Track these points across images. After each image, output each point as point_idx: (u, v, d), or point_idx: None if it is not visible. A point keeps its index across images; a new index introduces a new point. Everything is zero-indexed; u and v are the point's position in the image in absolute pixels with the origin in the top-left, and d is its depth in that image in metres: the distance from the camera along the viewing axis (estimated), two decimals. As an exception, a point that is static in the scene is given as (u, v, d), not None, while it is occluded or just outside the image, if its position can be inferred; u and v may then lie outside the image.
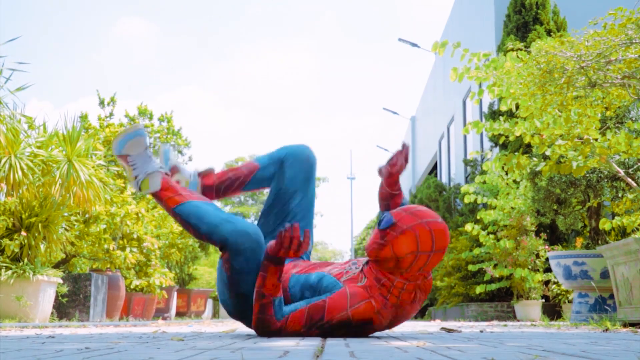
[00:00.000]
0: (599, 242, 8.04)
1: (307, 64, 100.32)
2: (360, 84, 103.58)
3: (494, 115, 12.53)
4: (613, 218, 8.05)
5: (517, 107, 6.75)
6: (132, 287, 11.65)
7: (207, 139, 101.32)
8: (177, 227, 13.96)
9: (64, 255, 9.49)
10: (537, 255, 11.08)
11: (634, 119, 7.28)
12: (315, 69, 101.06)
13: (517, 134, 6.53)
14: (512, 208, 10.99)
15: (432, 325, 6.74)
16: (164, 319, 13.95)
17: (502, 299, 12.15)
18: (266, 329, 2.93)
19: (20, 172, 7.45)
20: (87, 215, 10.11)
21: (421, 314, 18.28)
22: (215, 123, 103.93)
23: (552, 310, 11.22)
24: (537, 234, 11.36)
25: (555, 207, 8.34)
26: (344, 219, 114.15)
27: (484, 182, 11.69)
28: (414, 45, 22.29)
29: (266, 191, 3.69)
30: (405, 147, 3.21)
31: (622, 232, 8.28)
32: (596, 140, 6.12)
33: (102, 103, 14.21)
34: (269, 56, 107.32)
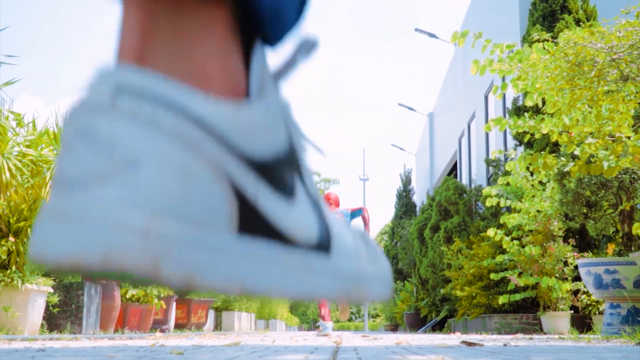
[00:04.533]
0: (632, 248, 8.01)
1: (316, 57, 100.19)
2: (374, 78, 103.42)
3: (518, 111, 12.50)
4: (648, 222, 8.03)
5: (544, 102, 6.74)
6: (127, 296, 11.68)
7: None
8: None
9: (54, 263, 9.54)
10: (566, 263, 11.04)
11: (670, 115, 7.27)
12: (324, 62, 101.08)
13: (544, 131, 6.52)
14: (538, 212, 10.96)
15: (451, 339, 6.73)
16: (162, 331, 13.98)
17: (527, 310, 12.12)
18: None
19: (7, 173, 7.49)
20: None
21: (440, 326, 18.26)
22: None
23: (582, 322, 11.18)
24: (565, 239, 11.33)
25: (584, 211, 8.32)
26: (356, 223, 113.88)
27: (508, 184, 11.66)
28: (432, 35, 22.28)
29: None
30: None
31: (658, 238, 8.26)
32: (629, 138, 6.11)
33: (95, 99, 14.28)
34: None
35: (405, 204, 30.81)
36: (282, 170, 0.65)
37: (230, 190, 0.60)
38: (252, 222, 0.62)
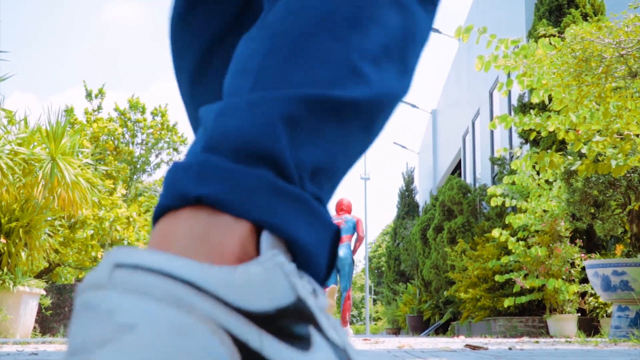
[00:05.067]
0: (642, 249, 8.02)
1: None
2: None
3: (524, 108, 12.51)
4: (657, 223, 8.04)
5: (550, 99, 6.75)
6: (122, 299, 11.70)
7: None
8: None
9: (47, 264, 9.54)
10: (573, 264, 11.05)
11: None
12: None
13: (550, 129, 6.53)
14: (544, 212, 10.97)
15: (455, 342, 6.74)
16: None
17: (533, 313, 12.13)
18: None
19: (-1, 172, 7.49)
20: (72, 220, 10.16)
21: (443, 329, 18.27)
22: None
23: (589, 325, 11.19)
24: (572, 240, 11.34)
25: (592, 211, 8.32)
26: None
27: (513, 183, 11.67)
28: (435, 30, 22.26)
29: None
30: None
31: (667, 239, 8.26)
32: (637, 136, 6.12)
33: (89, 95, 14.27)
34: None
35: (407, 204, 30.79)
36: (289, 320, 0.66)
37: (231, 343, 0.62)
38: None
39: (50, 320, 9.17)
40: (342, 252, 11.90)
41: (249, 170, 0.68)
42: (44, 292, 8.22)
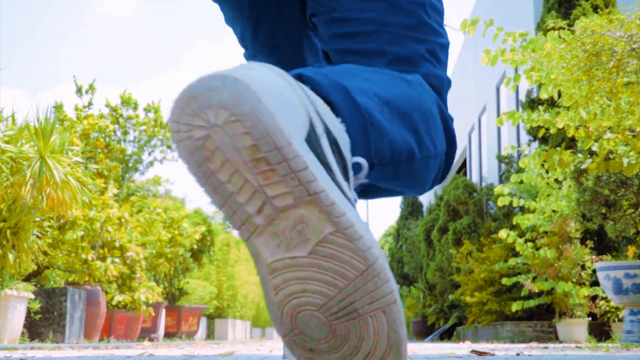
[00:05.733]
0: (655, 251, 8.04)
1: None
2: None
3: (532, 104, 12.52)
4: (671, 223, 8.05)
5: (560, 94, 6.75)
6: (113, 303, 11.70)
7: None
8: (165, 234, 14.01)
9: (35, 267, 9.55)
10: (583, 267, 11.06)
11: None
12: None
13: (560, 126, 6.53)
14: (553, 212, 10.97)
15: (461, 348, 6.75)
16: (151, 340, 14.01)
17: (542, 317, 12.14)
18: None
19: (-15, 171, 7.50)
20: (62, 221, 10.17)
21: (448, 335, 18.28)
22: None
23: (600, 329, 11.20)
24: (583, 241, 11.35)
25: (603, 211, 8.33)
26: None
27: (521, 182, 11.67)
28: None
29: None
30: None
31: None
32: (651, 133, 6.12)
33: (79, 91, 14.26)
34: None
35: (411, 204, 30.79)
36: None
37: (306, 115, 1.10)
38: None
39: (39, 325, 9.17)
40: None
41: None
42: (33, 296, 8.23)
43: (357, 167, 1.16)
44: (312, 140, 1.05)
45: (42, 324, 9.17)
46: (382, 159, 1.24)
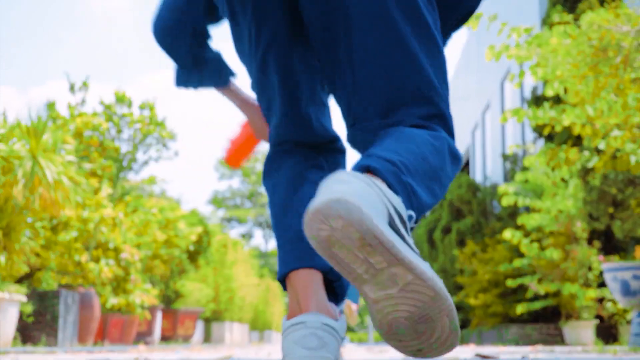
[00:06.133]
0: (663, 251, 8.04)
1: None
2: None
3: (537, 101, 12.52)
4: (680, 223, 8.05)
5: (566, 91, 6.76)
6: (108, 306, 11.71)
7: (197, 130, 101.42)
8: (161, 235, 14.01)
9: (28, 269, 9.55)
10: (590, 268, 11.07)
11: None
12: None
13: (565, 123, 6.54)
14: (559, 211, 10.99)
15: (464, 351, 6.75)
16: (146, 344, 14.01)
17: (547, 320, 12.15)
18: None
19: (-24, 171, 7.50)
20: (54, 221, 10.17)
21: (451, 338, 18.27)
22: (206, 111, 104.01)
23: (607, 332, 11.22)
24: (590, 242, 11.36)
25: (610, 210, 8.34)
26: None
27: (526, 181, 11.69)
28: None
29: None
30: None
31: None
32: (659, 130, 6.13)
33: (72, 88, 14.27)
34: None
35: (413, 204, 30.84)
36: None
37: (385, 205, 1.76)
38: None
39: (32, 329, 9.18)
40: None
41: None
42: (25, 299, 8.24)
43: (409, 218, 1.86)
44: (391, 223, 1.72)
45: (35, 328, 9.17)
46: (418, 210, 1.93)
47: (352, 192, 1.66)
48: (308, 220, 1.67)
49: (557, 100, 10.51)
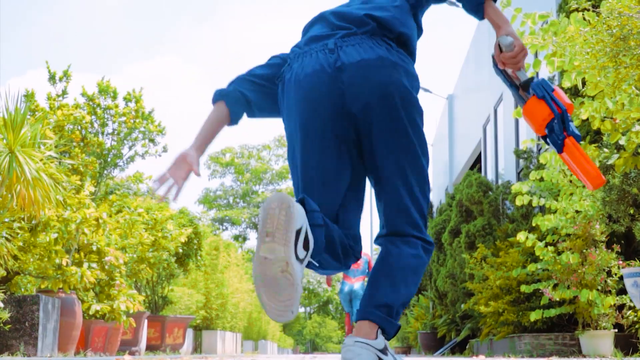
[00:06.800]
0: (688, 256, 8.05)
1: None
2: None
3: (553, 93, 12.52)
4: None
5: (584, 83, 6.77)
6: (90, 313, 11.72)
7: (187, 123, 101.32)
8: (147, 237, 14.02)
9: (4, 273, 9.56)
10: (609, 273, 11.07)
11: None
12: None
13: (584, 117, 6.55)
14: (576, 212, 10.99)
15: (473, 362, 6.78)
16: (132, 353, 14.03)
17: (563, 329, 12.16)
18: None
19: (-51, 166, 7.51)
20: (33, 222, 10.18)
21: (460, 348, 18.31)
22: (196, 103, 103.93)
23: (627, 342, 11.22)
24: (609, 245, 11.36)
25: (631, 212, 8.35)
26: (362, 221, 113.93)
27: (541, 179, 11.69)
28: (452, 4, 22.27)
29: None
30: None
31: None
32: (684, 125, 6.14)
33: (52, 78, 14.27)
34: (263, 19, 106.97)
35: (419, 204, 30.86)
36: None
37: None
38: None
39: (9, 337, 9.19)
40: (357, 286, 17.07)
41: None
42: (1, 305, 8.25)
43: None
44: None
45: (12, 336, 9.18)
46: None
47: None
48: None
49: (575, 92, 10.53)
